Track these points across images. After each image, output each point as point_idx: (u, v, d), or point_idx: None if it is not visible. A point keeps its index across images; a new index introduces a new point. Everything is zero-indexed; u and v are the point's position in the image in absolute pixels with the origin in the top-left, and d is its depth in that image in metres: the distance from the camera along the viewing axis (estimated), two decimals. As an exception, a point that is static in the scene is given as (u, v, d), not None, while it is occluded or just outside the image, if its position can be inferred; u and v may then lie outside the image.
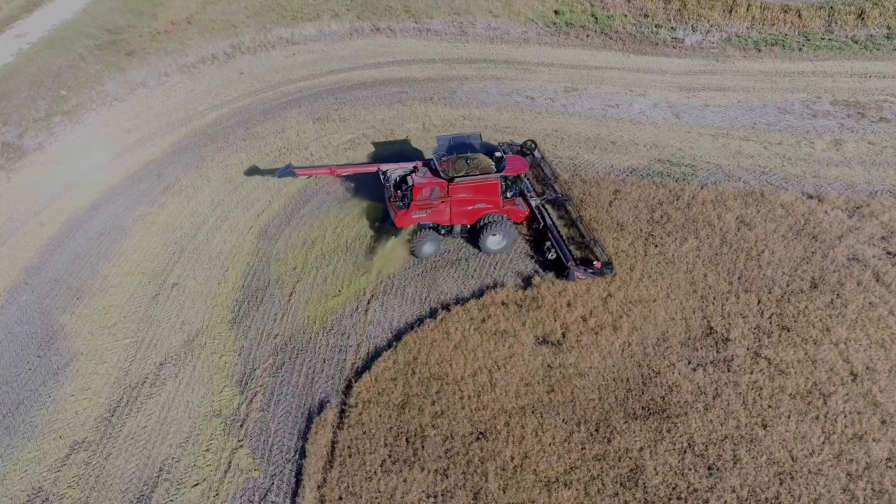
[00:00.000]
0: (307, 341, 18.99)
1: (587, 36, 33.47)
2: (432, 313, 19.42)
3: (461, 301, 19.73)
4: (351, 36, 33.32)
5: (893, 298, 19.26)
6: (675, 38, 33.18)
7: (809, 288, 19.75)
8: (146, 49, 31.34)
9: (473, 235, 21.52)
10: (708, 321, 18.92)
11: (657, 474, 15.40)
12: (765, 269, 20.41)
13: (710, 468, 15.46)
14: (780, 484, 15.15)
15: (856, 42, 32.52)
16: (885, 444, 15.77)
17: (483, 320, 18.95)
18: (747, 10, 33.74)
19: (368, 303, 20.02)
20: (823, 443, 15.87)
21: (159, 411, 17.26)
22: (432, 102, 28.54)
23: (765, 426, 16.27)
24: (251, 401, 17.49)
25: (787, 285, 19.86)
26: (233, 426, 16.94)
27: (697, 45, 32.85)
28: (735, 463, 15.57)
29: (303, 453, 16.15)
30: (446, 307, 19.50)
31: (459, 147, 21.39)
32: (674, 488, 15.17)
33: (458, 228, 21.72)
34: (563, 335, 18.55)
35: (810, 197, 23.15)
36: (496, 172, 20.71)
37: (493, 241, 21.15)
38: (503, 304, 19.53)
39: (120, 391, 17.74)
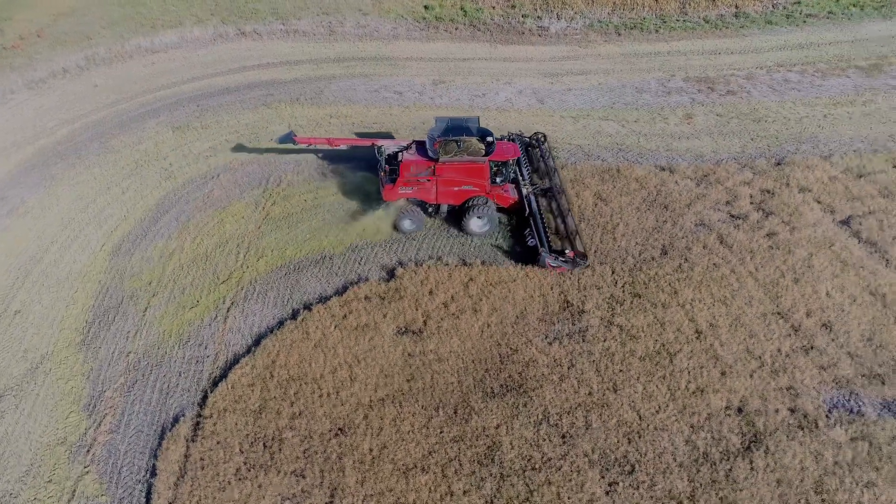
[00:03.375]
0: (162, 356, 18.23)
1: (456, 29, 33.87)
2: (294, 315, 19.07)
3: (324, 299, 19.47)
4: (215, 41, 32.38)
5: (735, 258, 20.40)
6: (541, 27, 34.05)
7: (660, 255, 20.63)
8: (-10, 66, 29.43)
9: (458, 216, 21.90)
10: (565, 295, 19.44)
11: (513, 448, 15.63)
12: (619, 240, 21.18)
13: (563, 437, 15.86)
14: (629, 443, 15.70)
15: (707, 22, 34.38)
16: (724, 394, 16.63)
17: (344, 316, 18.75)
18: (609, -4, 35.14)
19: (228, 311, 19.44)
20: (669, 400, 16.57)
21: (-4, 447, 16.14)
22: (298, 103, 28.09)
23: (615, 390, 16.84)
24: (100, 424, 16.60)
25: (640, 254, 20.69)
26: (79, 453, 16.02)
27: (562, 32, 33.85)
28: (587, 429, 16.02)
29: (154, 472, 15.49)
30: (308, 307, 19.21)
31: (456, 129, 22.12)
32: (529, 460, 15.45)
33: (444, 208, 22.13)
34: (425, 323, 18.59)
35: (662, 169, 24.23)
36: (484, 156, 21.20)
37: (475, 223, 21.57)
38: (366, 298, 19.40)
39: (-48, 431, 16.47)
